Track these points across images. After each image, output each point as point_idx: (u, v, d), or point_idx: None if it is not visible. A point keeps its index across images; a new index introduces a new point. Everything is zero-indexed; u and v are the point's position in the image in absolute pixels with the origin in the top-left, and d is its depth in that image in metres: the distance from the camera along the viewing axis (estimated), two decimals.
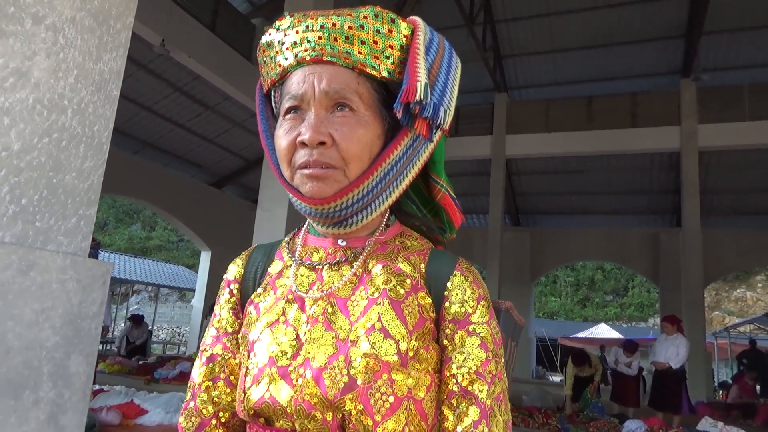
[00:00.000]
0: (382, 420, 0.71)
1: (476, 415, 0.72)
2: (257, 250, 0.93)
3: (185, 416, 0.84)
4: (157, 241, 34.81)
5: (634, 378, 8.25)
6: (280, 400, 0.73)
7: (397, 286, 0.78)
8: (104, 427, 4.72)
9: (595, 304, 32.61)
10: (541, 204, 15.67)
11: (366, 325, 0.74)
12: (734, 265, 14.26)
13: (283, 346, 0.76)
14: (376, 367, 0.71)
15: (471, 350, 0.76)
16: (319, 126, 0.76)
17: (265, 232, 6.35)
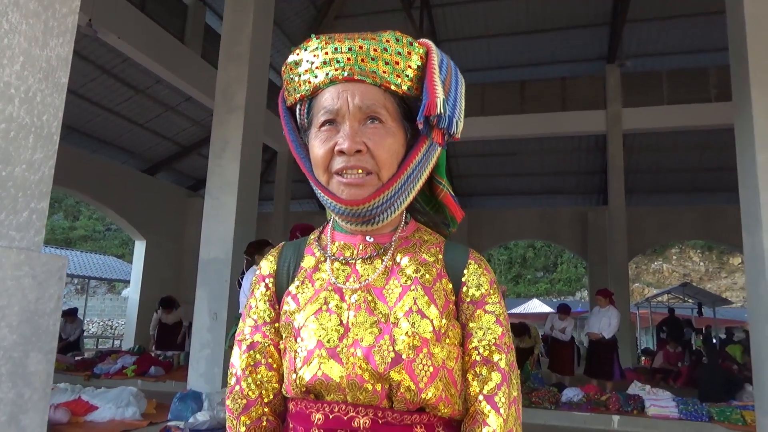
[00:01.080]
0: (425, 387, 0.83)
1: (498, 379, 0.86)
2: (286, 248, 1.02)
3: (232, 399, 0.92)
4: (82, 231, 33.05)
5: (569, 347, 8.78)
6: (333, 377, 0.84)
7: (426, 274, 0.90)
8: (53, 426, 4.56)
9: (527, 281, 34.00)
10: (478, 185, 16.13)
11: (404, 308, 0.86)
12: (655, 239, 15.29)
13: (330, 330, 0.86)
14: (417, 343, 0.84)
15: (489, 326, 0.90)
16: (355, 136, 0.87)
17: (214, 220, 6.22)
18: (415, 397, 0.83)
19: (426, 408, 0.85)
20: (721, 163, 13.58)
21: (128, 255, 24.25)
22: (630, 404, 6.60)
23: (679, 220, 14.50)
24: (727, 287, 32.21)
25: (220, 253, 6.16)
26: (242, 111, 6.43)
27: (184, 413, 5.06)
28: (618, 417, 6.39)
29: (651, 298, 21.06)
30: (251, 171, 6.59)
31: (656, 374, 10.50)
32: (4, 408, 2.78)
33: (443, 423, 0.88)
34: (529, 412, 6.63)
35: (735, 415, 6.11)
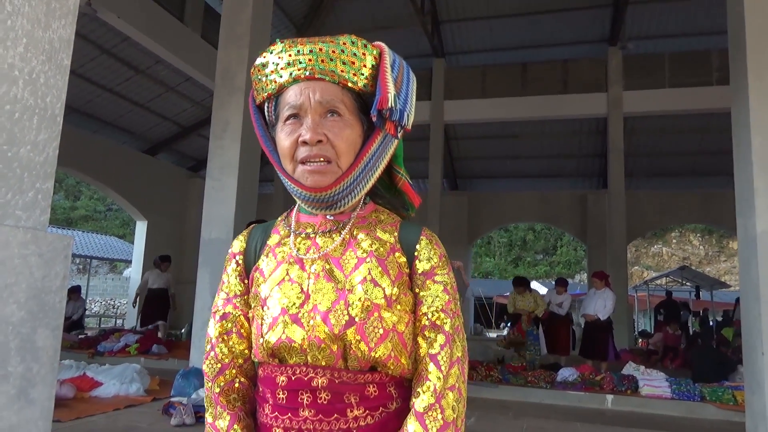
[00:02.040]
0: (375, 346, 0.93)
1: (442, 340, 0.96)
2: (255, 229, 1.13)
3: (207, 364, 1.03)
4: (83, 211, 33.09)
5: (565, 325, 8.88)
6: (296, 339, 0.94)
7: (380, 248, 1.01)
8: (59, 401, 4.67)
9: (526, 263, 34.13)
10: (478, 168, 16.14)
11: (359, 277, 0.96)
12: (653, 223, 15.34)
13: (292, 298, 0.96)
14: (368, 308, 0.94)
15: (437, 294, 0.99)
16: (317, 128, 0.98)
17: (215, 201, 6.28)
18: (367, 356, 0.93)
19: (377, 367, 0.95)
20: (721, 146, 13.51)
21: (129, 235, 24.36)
22: (624, 384, 6.72)
23: (679, 204, 14.54)
24: (726, 271, 32.34)
25: (221, 234, 6.23)
26: (243, 92, 6.45)
27: (187, 389, 5.17)
28: (612, 396, 6.51)
29: (649, 281, 21.18)
30: (252, 152, 6.63)
31: (652, 355, 10.63)
32: (13, 381, 2.87)
33: (394, 382, 0.97)
34: (524, 391, 6.77)
35: (727, 395, 6.23)
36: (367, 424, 0.93)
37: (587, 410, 6.19)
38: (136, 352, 8.33)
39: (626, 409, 6.32)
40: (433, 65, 13.63)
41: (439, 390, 0.92)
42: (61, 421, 4.25)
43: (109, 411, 4.77)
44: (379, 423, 0.94)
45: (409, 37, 12.94)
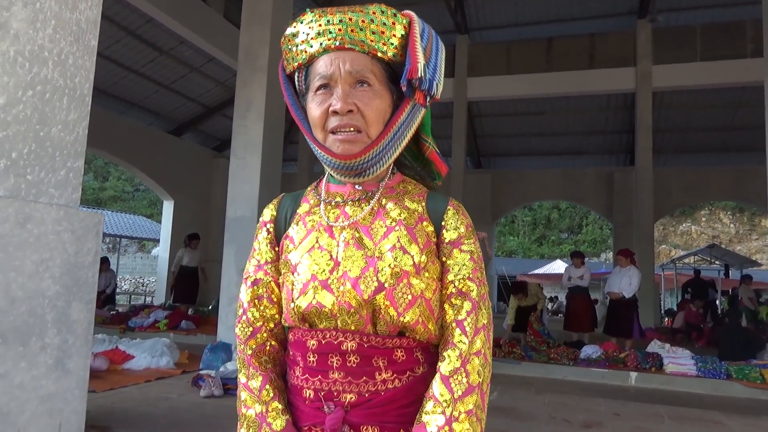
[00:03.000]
0: (404, 312, 0.96)
1: (469, 307, 0.98)
2: (285, 198, 1.15)
3: (240, 327, 1.06)
4: (112, 191, 33.79)
5: (586, 300, 8.84)
6: (326, 304, 0.96)
7: (409, 217, 1.03)
8: (93, 373, 4.85)
9: (551, 242, 33.87)
10: (501, 146, 15.97)
11: (388, 244, 0.99)
12: (681, 201, 15.04)
13: (321, 265, 0.99)
14: (398, 274, 0.96)
15: (464, 262, 1.02)
16: (347, 98, 0.99)
17: (240, 180, 6.36)
18: (395, 321, 0.95)
19: (405, 332, 0.98)
20: (755, 121, 13.12)
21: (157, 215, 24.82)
22: (648, 362, 6.68)
23: (709, 181, 14.21)
24: (758, 249, 31.65)
25: (245, 212, 6.32)
26: (265, 72, 6.47)
27: (215, 363, 5.32)
28: (635, 374, 6.49)
29: (677, 260, 20.86)
30: (275, 131, 6.68)
31: (677, 334, 10.53)
32: (51, 352, 3.00)
33: (421, 347, 1.00)
34: (547, 367, 6.78)
35: (754, 373, 6.15)
36: (394, 386, 0.96)
37: (610, 387, 6.19)
38: (165, 327, 8.56)
39: (650, 387, 6.29)
40: (456, 42, 13.44)
41: (464, 354, 0.94)
42: (96, 391, 4.42)
43: (141, 383, 4.94)
44: (406, 386, 0.96)
45: (431, 14, 12.76)
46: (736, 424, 4.49)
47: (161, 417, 3.92)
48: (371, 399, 0.95)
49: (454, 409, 0.90)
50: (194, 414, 4.02)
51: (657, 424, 4.35)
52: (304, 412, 0.99)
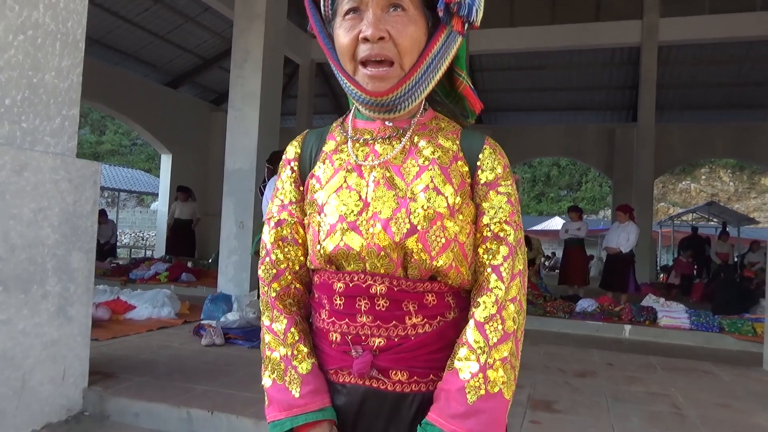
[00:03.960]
0: (437, 255, 0.91)
1: (505, 252, 0.93)
2: (310, 134, 1.08)
3: (263, 269, 1.02)
4: (109, 145, 33.51)
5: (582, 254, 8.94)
6: (354, 247, 0.91)
7: (443, 156, 0.97)
8: (95, 322, 4.91)
9: (550, 199, 33.89)
10: (503, 101, 15.76)
11: (421, 185, 0.93)
12: (683, 158, 14.96)
13: (350, 206, 0.93)
14: (431, 216, 0.91)
15: (501, 205, 0.96)
16: (378, 24, 0.90)
17: (238, 132, 6.30)
18: (428, 265, 0.91)
19: (437, 276, 0.93)
20: (760, 77, 12.99)
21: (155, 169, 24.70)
22: (643, 315, 6.79)
23: (711, 138, 14.10)
24: (756, 207, 31.71)
25: (244, 164, 6.29)
26: (263, 19, 6.31)
27: (216, 313, 5.39)
28: (630, 326, 6.60)
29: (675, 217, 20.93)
30: (273, 82, 6.57)
31: (672, 289, 10.67)
32: (53, 300, 3.04)
33: (452, 292, 0.95)
34: (542, 320, 6.89)
35: (746, 327, 6.26)
36: (425, 331, 0.92)
37: (605, 339, 6.30)
38: (165, 279, 8.64)
39: (644, 339, 6.41)
40: None
41: (500, 301, 0.90)
42: (99, 339, 4.49)
43: (143, 332, 5.02)
44: (437, 331, 0.93)
45: None
46: (726, 374, 4.59)
47: (163, 364, 4.00)
48: (401, 344, 0.92)
49: (489, 356, 0.87)
50: (196, 361, 4.10)
51: (649, 374, 4.44)
52: (330, 355, 0.96)
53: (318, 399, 0.92)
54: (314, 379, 0.94)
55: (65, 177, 3.06)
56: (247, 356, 4.31)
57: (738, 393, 4.00)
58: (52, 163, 2.99)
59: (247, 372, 3.82)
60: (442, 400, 0.87)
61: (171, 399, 3.18)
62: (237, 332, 4.82)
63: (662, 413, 3.38)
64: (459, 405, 0.85)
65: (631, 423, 3.16)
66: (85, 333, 3.25)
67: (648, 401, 3.64)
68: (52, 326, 3.01)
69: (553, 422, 3.11)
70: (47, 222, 2.95)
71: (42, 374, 2.98)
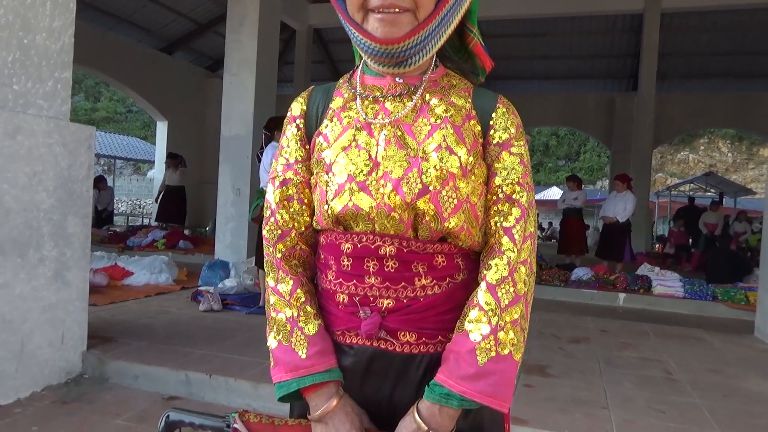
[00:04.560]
0: (449, 216, 0.89)
1: (518, 214, 0.91)
2: (316, 91, 1.04)
3: (268, 230, 1.00)
4: (104, 112, 33.16)
5: (580, 223, 8.96)
6: (363, 207, 0.89)
7: (455, 114, 0.93)
8: (93, 288, 4.94)
9: (547, 169, 33.80)
10: (502, 68, 15.54)
11: (433, 144, 0.90)
12: (683, 127, 14.87)
13: (359, 165, 0.91)
14: (444, 177, 0.89)
15: (513, 166, 0.93)
16: None
17: (234, 98, 6.22)
18: (439, 226, 0.89)
19: (448, 238, 0.92)
20: (763, 46, 12.82)
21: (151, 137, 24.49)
22: (638, 284, 6.85)
23: (712, 107, 13.99)
24: (753, 178, 31.72)
25: (240, 131, 6.23)
26: None
27: (213, 280, 5.42)
28: (624, 295, 6.67)
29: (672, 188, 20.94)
30: (269, 48, 6.46)
31: (667, 259, 10.74)
32: (49, 264, 3.04)
33: (462, 254, 0.94)
34: (539, 288, 6.94)
35: (739, 296, 6.33)
36: (434, 293, 0.91)
37: (599, 307, 6.37)
38: (163, 246, 8.66)
39: (638, 307, 6.48)
40: None
41: (512, 263, 0.88)
42: (97, 305, 4.52)
43: (141, 297, 5.05)
44: (446, 293, 0.92)
45: None
46: (717, 341, 4.66)
47: (162, 328, 4.04)
48: (410, 305, 0.90)
49: (500, 318, 0.86)
50: (194, 326, 4.13)
51: (642, 340, 4.51)
52: (337, 316, 0.94)
53: (325, 360, 0.91)
54: (321, 340, 0.93)
55: (59, 141, 3.02)
56: (245, 322, 4.35)
57: (729, 359, 4.06)
58: (45, 126, 2.95)
59: (244, 337, 3.86)
60: (452, 361, 0.86)
61: (170, 362, 3.22)
62: (235, 298, 4.86)
63: (654, 378, 3.44)
64: (469, 366, 0.84)
65: (623, 387, 3.22)
66: (82, 297, 3.27)
67: (640, 366, 3.70)
68: (49, 290, 3.02)
69: (547, 386, 3.16)
70: (42, 186, 2.94)
71: (41, 338, 3.00)
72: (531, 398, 2.94)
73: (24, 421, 2.65)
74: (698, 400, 3.04)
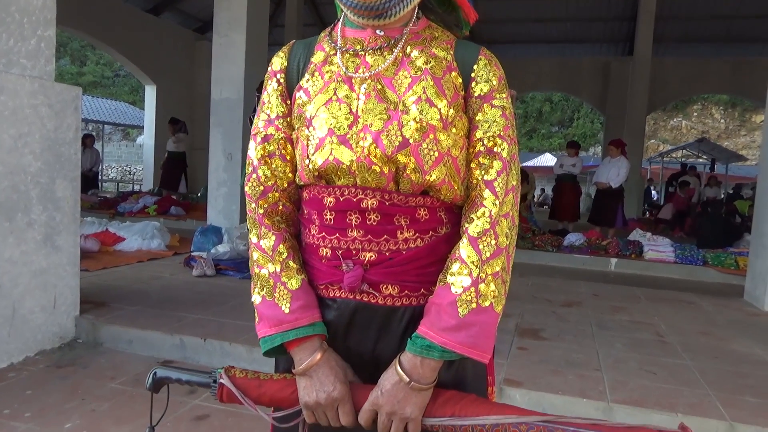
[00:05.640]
0: (430, 169, 0.89)
1: (499, 166, 0.91)
2: (297, 45, 1.03)
3: (250, 186, 0.99)
4: (91, 77, 32.50)
5: (575, 190, 8.95)
6: (344, 160, 0.89)
7: (436, 66, 0.92)
8: (84, 254, 4.90)
9: (540, 136, 33.70)
10: (497, 31, 15.29)
11: (413, 96, 0.89)
12: (678, 92, 14.78)
13: (340, 119, 0.90)
14: (424, 129, 0.88)
15: (495, 119, 0.92)
16: None
17: (224, 60, 6.06)
18: (420, 179, 0.89)
19: (430, 191, 0.92)
20: (760, 10, 12.64)
21: (139, 102, 24.07)
22: (629, 249, 6.89)
23: (707, 73, 13.88)
24: (745, 145, 31.80)
25: (231, 93, 6.11)
26: None
27: (206, 245, 5.38)
28: (616, 260, 6.71)
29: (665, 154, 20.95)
30: (260, 7, 6.28)
31: (659, 224, 10.81)
32: (39, 228, 2.99)
33: (445, 207, 0.94)
34: (530, 254, 6.98)
35: (729, 260, 6.39)
36: (416, 246, 0.91)
37: (591, 272, 6.42)
38: (154, 213, 8.59)
39: (629, 272, 6.54)
40: None
41: (494, 216, 0.88)
42: (89, 270, 4.48)
43: (133, 263, 5.02)
44: (428, 246, 0.92)
45: None
46: (707, 304, 4.72)
47: (155, 294, 4.02)
48: (392, 258, 0.91)
49: (482, 270, 0.86)
50: (187, 291, 4.12)
51: (633, 303, 4.55)
52: (321, 270, 0.95)
53: (308, 314, 0.92)
54: (304, 294, 0.93)
55: (44, 102, 2.94)
56: (239, 287, 4.34)
57: (718, 322, 4.12)
58: (29, 87, 2.86)
59: (238, 302, 3.86)
60: (433, 313, 0.86)
61: (164, 327, 3.21)
62: (228, 263, 4.84)
63: (645, 340, 3.48)
64: (450, 318, 0.85)
65: (615, 349, 3.25)
66: (74, 262, 3.23)
67: (632, 329, 3.74)
68: (39, 255, 2.98)
69: (540, 348, 3.19)
70: (28, 149, 2.86)
71: (32, 302, 2.98)
72: (524, 360, 2.97)
73: (18, 385, 2.64)
74: (689, 362, 3.08)
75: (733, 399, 2.56)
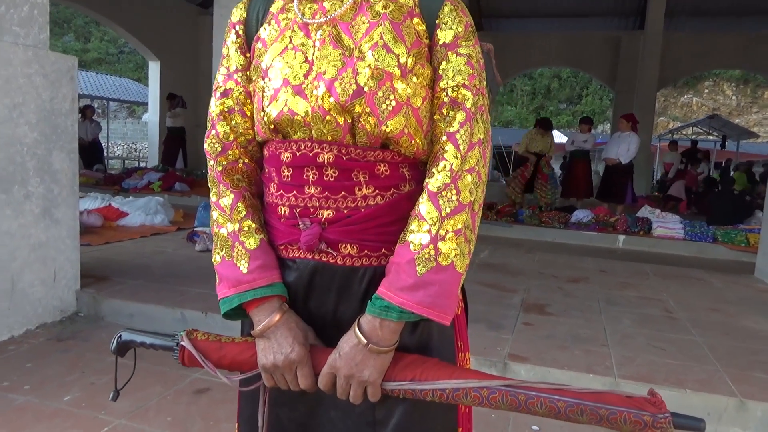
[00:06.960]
0: (386, 120, 0.84)
1: (462, 117, 0.85)
2: None
3: (209, 143, 0.95)
4: (95, 53, 32.32)
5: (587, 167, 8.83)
6: (298, 111, 0.85)
7: (395, 11, 0.87)
8: (87, 229, 4.87)
9: (548, 112, 33.22)
10: (505, 6, 15.00)
11: (370, 42, 0.84)
12: (689, 68, 14.48)
13: (295, 68, 0.86)
14: (379, 76, 0.83)
15: (459, 67, 0.87)
16: None
17: None
18: (376, 129, 0.84)
19: (389, 144, 0.87)
20: None
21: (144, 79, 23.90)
22: (638, 226, 6.80)
23: (719, 47, 13.56)
24: (756, 122, 31.35)
25: None
26: None
27: (209, 220, 5.34)
28: (624, 236, 6.63)
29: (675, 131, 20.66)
30: None
31: (669, 201, 10.69)
32: (36, 201, 2.94)
33: (408, 163, 0.89)
34: (538, 230, 6.91)
35: (740, 237, 6.29)
36: (376, 203, 0.87)
37: (599, 249, 6.34)
38: (159, 189, 8.56)
39: (637, 249, 6.46)
40: None
41: (455, 170, 0.83)
42: (91, 245, 4.45)
43: (136, 238, 4.99)
44: (389, 203, 0.88)
45: None
46: (717, 280, 4.65)
47: (157, 268, 3.99)
48: (350, 215, 0.87)
49: (441, 227, 0.82)
50: (190, 266, 4.09)
51: (642, 280, 4.49)
52: (279, 230, 0.91)
53: (267, 274, 0.88)
54: (263, 254, 0.90)
55: (39, 71, 2.87)
56: None
57: (729, 298, 4.05)
58: (23, 55, 2.79)
59: None
60: (393, 273, 0.83)
61: (165, 301, 3.19)
62: None
63: (654, 316, 3.42)
64: (408, 277, 0.81)
65: (623, 324, 3.20)
66: (73, 236, 3.19)
67: (640, 305, 3.68)
68: (38, 228, 2.94)
69: (546, 324, 3.14)
70: (24, 119, 2.80)
71: (32, 276, 2.94)
72: (530, 336, 2.92)
73: (18, 357, 2.62)
74: (698, 338, 3.02)
75: (744, 375, 2.51)
